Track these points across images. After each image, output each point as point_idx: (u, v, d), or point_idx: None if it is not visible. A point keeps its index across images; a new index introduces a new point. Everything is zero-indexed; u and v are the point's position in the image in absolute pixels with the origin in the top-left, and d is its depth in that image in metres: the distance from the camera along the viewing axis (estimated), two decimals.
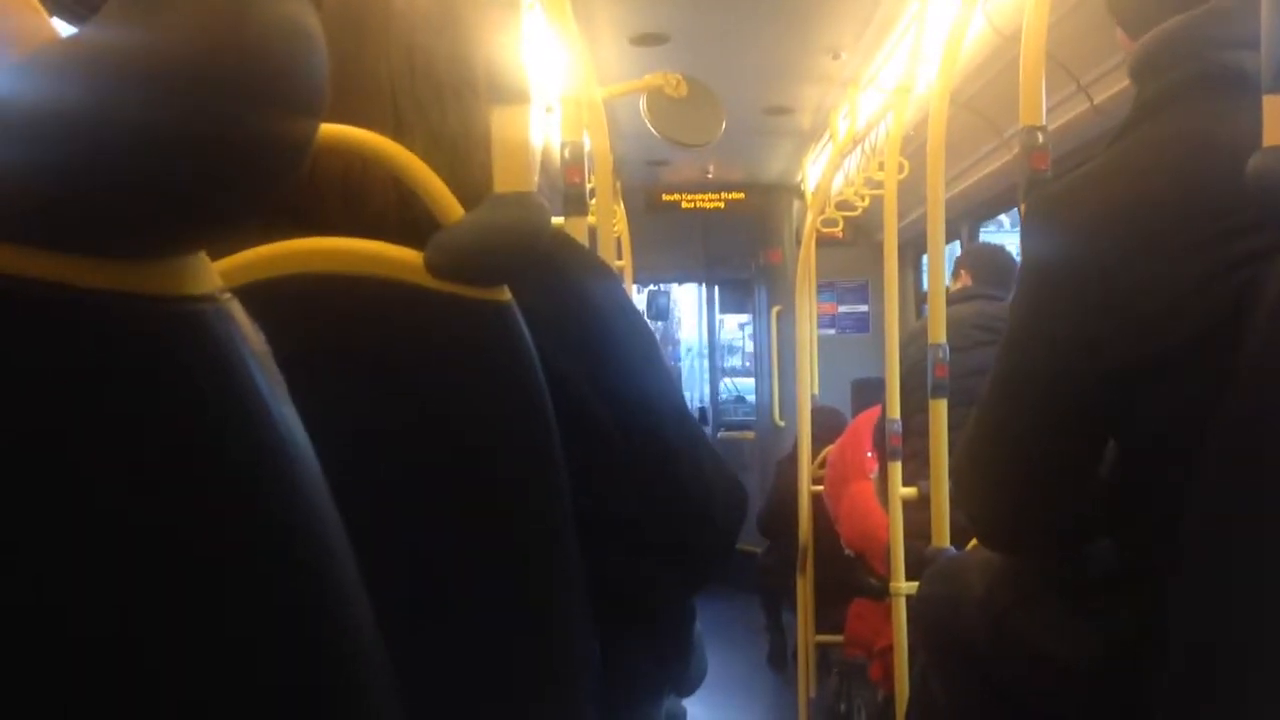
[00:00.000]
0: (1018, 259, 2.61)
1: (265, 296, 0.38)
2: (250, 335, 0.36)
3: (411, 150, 0.73)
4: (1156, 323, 0.92)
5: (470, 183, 0.77)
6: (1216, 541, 0.89)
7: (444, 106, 0.80)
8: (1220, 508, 0.88)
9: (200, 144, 0.32)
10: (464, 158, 0.79)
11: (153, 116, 0.31)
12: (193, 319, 0.34)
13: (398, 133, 0.77)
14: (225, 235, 0.35)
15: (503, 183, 0.73)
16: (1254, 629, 0.89)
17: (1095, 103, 2.50)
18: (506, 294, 0.71)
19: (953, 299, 2.47)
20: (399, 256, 0.71)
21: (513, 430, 0.74)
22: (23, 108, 0.31)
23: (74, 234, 0.32)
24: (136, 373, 0.34)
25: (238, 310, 0.36)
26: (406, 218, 0.74)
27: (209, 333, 0.35)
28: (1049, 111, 1.36)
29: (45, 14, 0.33)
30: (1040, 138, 1.31)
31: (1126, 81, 2.48)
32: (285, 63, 0.33)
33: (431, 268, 0.70)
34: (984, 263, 2.68)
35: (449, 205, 0.72)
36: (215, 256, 0.37)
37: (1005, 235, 5.74)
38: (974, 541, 1.41)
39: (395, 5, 0.81)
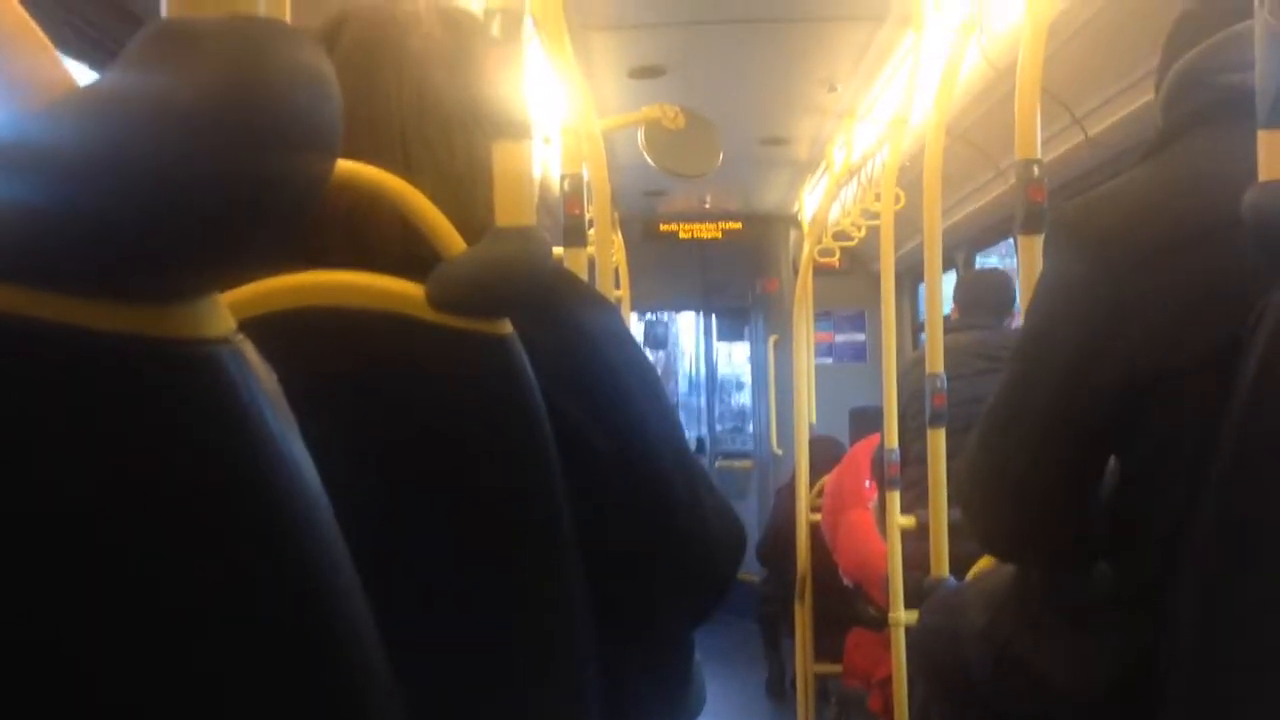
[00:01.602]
0: (1011, 278, 2.63)
1: (267, 329, 0.39)
2: (263, 375, 0.36)
3: (420, 187, 0.74)
4: (1161, 339, 0.94)
5: (475, 217, 0.78)
6: (1220, 563, 0.90)
7: (451, 143, 0.82)
8: (1223, 530, 0.89)
9: (217, 189, 0.32)
10: (469, 193, 0.80)
11: (170, 162, 0.31)
12: (208, 361, 0.35)
13: (407, 170, 0.78)
14: (238, 277, 0.35)
15: (504, 216, 0.74)
16: (1259, 652, 0.89)
17: (1090, 135, 2.52)
18: (508, 326, 0.72)
19: (948, 328, 2.48)
20: (401, 290, 0.71)
21: (514, 461, 0.74)
22: (42, 154, 0.32)
23: (90, 278, 0.33)
24: (151, 415, 0.34)
25: (250, 351, 0.36)
26: (411, 252, 0.75)
27: (223, 374, 0.35)
28: (1044, 144, 1.37)
29: (62, 63, 0.33)
30: (1036, 170, 1.33)
31: (1121, 114, 2.51)
32: (302, 108, 0.33)
33: (433, 301, 0.70)
34: (967, 292, 2.68)
35: (451, 239, 0.72)
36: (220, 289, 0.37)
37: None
38: (973, 572, 1.41)
39: (409, 46, 0.82)
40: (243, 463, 0.35)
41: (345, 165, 0.71)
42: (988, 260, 3.99)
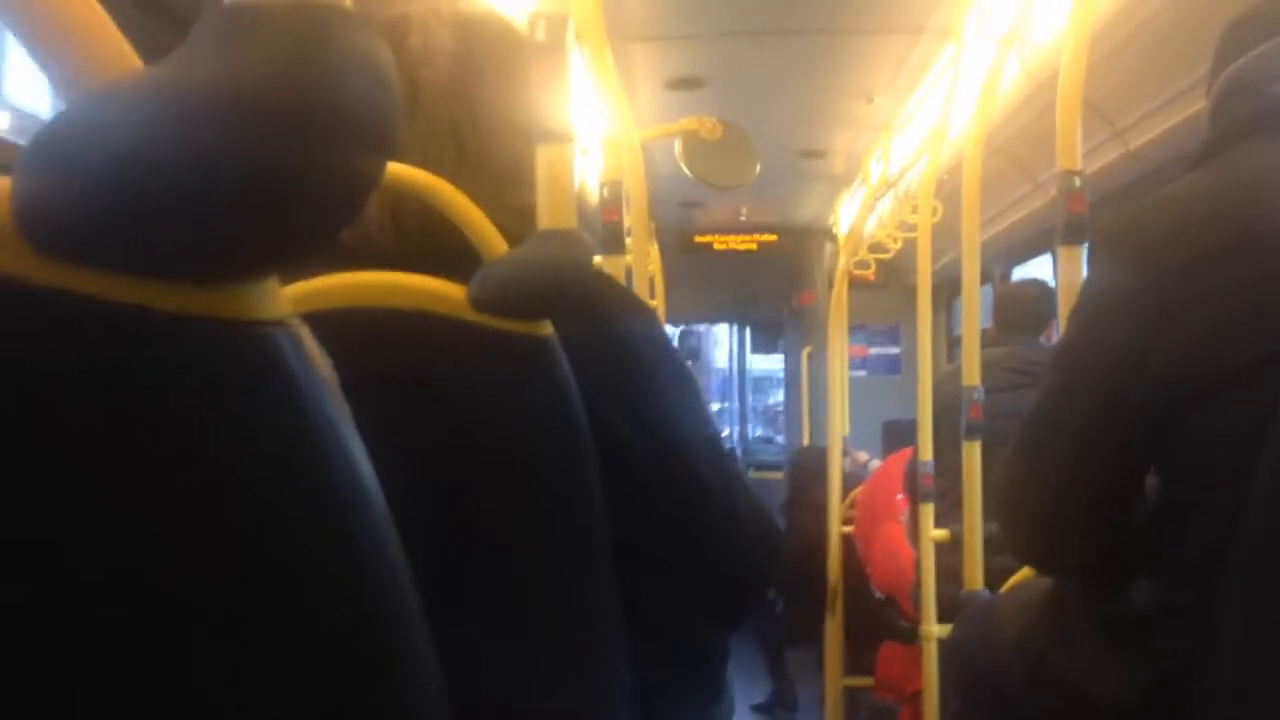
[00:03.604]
0: (1050, 290, 2.60)
1: (309, 330, 0.40)
2: (320, 361, 0.37)
3: (460, 188, 0.75)
4: (1204, 349, 0.93)
5: (515, 220, 0.79)
6: (1263, 580, 0.88)
7: (444, 145, 0.82)
8: (1266, 546, 0.88)
9: (280, 174, 0.33)
10: (511, 196, 0.81)
11: (233, 146, 0.32)
12: (264, 342, 0.35)
13: (456, 170, 0.79)
14: (298, 262, 0.36)
15: (546, 219, 0.75)
16: None
17: (1131, 148, 2.50)
18: (548, 328, 0.72)
19: (984, 343, 2.46)
20: (442, 291, 0.72)
21: (552, 462, 0.74)
22: (105, 135, 0.33)
23: (151, 258, 0.33)
24: (211, 392, 0.35)
25: (307, 336, 0.37)
26: (452, 253, 0.76)
27: (280, 356, 0.36)
28: (1084, 156, 1.37)
29: (126, 43, 0.34)
30: (1077, 182, 1.32)
31: (1163, 127, 2.48)
32: (364, 97, 0.34)
33: (475, 302, 0.71)
34: (1004, 307, 2.66)
35: (493, 241, 0.73)
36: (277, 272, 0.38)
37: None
38: (1009, 585, 1.40)
39: (409, 44, 0.83)
40: (297, 443, 0.36)
41: (394, 167, 0.73)
42: (1026, 273, 3.95)
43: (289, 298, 0.58)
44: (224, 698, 0.35)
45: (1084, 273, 1.27)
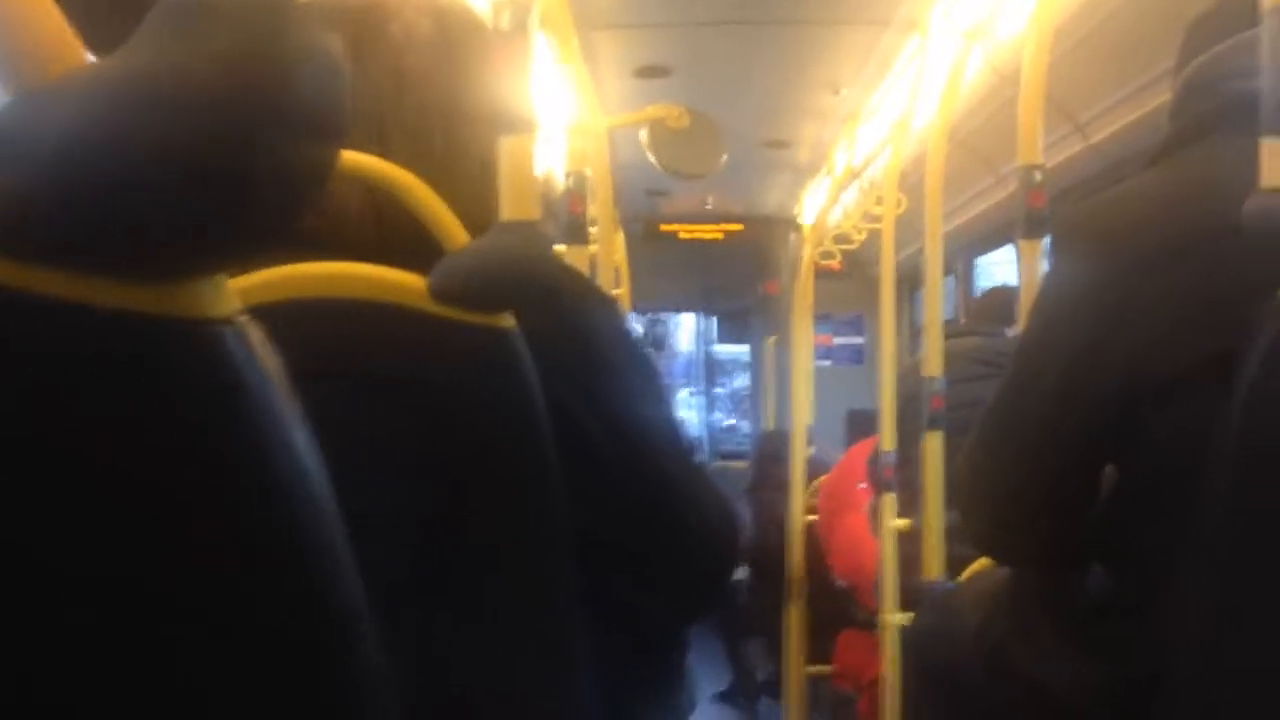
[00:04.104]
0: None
1: (266, 320, 0.39)
2: (266, 358, 0.37)
3: (446, 177, 0.74)
4: (1161, 344, 0.94)
5: (470, 211, 0.78)
6: (1218, 572, 0.90)
7: (430, 133, 0.82)
8: (1221, 539, 0.89)
9: (229, 169, 0.32)
10: (450, 185, 0.80)
11: (181, 141, 0.32)
12: (211, 340, 0.35)
13: (444, 161, 0.78)
14: (247, 259, 0.35)
15: (508, 210, 0.75)
16: (1256, 660, 0.89)
17: (1092, 142, 2.53)
18: (510, 320, 0.72)
19: (949, 334, 2.49)
20: (402, 281, 0.71)
21: (512, 454, 0.74)
22: (48, 130, 0.32)
23: (96, 255, 0.33)
24: (153, 392, 0.34)
25: (255, 333, 0.37)
26: (411, 244, 0.75)
27: (227, 354, 0.35)
28: (1045, 150, 1.38)
29: (76, 38, 0.34)
30: (1038, 176, 1.33)
31: (1123, 122, 2.51)
32: (313, 88, 0.34)
33: (435, 293, 0.71)
34: (978, 303, 2.70)
35: (455, 232, 0.73)
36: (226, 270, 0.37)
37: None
38: (967, 574, 1.41)
39: (390, 33, 0.83)
40: (244, 443, 0.36)
41: (352, 156, 0.72)
42: (989, 264, 4.00)
43: (245, 289, 0.57)
44: (164, 681, 0.35)
45: (1044, 266, 1.29)
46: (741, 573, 4.12)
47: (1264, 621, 0.89)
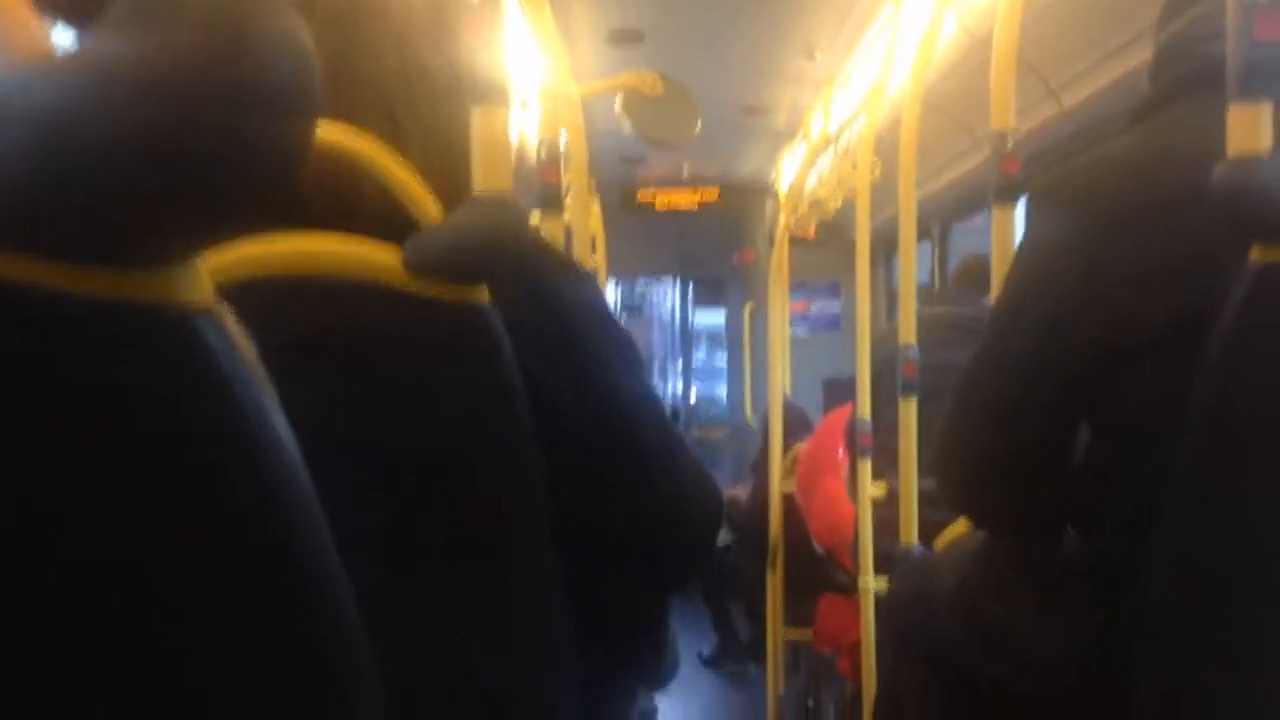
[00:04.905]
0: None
1: (239, 297, 0.39)
2: (242, 345, 0.37)
3: (407, 152, 0.73)
4: (1133, 306, 0.95)
5: (462, 183, 0.77)
6: (1188, 533, 0.91)
7: (437, 108, 0.81)
8: (1191, 501, 0.90)
9: (197, 155, 0.32)
10: (455, 159, 0.80)
11: (150, 128, 0.31)
12: (186, 328, 0.35)
13: (394, 135, 0.77)
14: (218, 243, 0.35)
15: (481, 183, 0.74)
16: (1225, 621, 0.91)
17: (1065, 106, 2.53)
18: (484, 294, 0.72)
19: (925, 301, 2.50)
20: (376, 257, 0.71)
21: (489, 429, 0.74)
22: (20, 117, 0.32)
23: (67, 242, 0.33)
24: (128, 381, 0.34)
25: (230, 320, 0.37)
26: (392, 217, 0.75)
27: (202, 342, 0.35)
28: (1019, 114, 1.38)
29: (43, 27, 0.33)
30: (1010, 142, 1.33)
31: (1096, 86, 2.51)
32: (282, 74, 0.33)
33: (409, 268, 0.70)
34: (960, 272, 2.72)
35: (427, 206, 0.72)
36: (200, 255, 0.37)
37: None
38: (943, 539, 1.43)
39: (391, 8, 0.82)
40: (221, 431, 0.36)
41: (321, 129, 0.71)
42: (964, 229, 4.01)
43: (217, 267, 0.56)
44: (151, 669, 0.35)
45: (1017, 232, 1.29)
46: (726, 537, 4.16)
47: (1233, 581, 0.90)
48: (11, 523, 0.33)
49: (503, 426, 0.73)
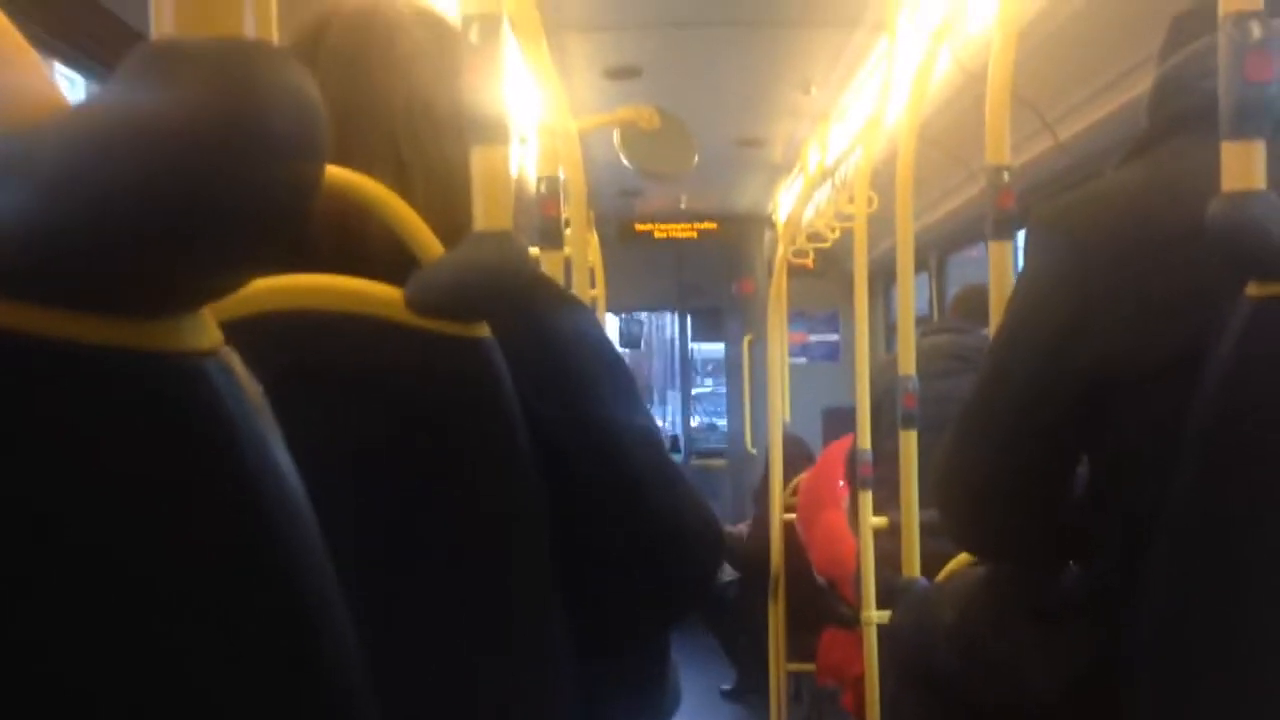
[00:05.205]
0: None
1: (245, 332, 0.40)
2: (249, 387, 0.37)
3: (412, 189, 0.74)
4: (1129, 339, 0.95)
5: (465, 220, 0.78)
6: (1181, 565, 0.91)
7: (442, 145, 0.82)
8: (1184, 534, 0.91)
9: (206, 206, 0.33)
10: (459, 195, 0.81)
11: (160, 180, 0.32)
12: (195, 374, 0.35)
13: (399, 172, 0.79)
14: (226, 293, 0.36)
15: (482, 220, 0.75)
16: (1218, 651, 0.91)
17: (1060, 140, 2.55)
18: (485, 330, 0.72)
19: (924, 331, 2.51)
20: (380, 293, 0.72)
21: (490, 463, 0.75)
22: (29, 171, 0.32)
23: (78, 293, 0.33)
24: (138, 428, 0.35)
25: (236, 363, 0.37)
26: (400, 257, 0.76)
27: (210, 387, 0.36)
28: (1015, 147, 1.39)
29: (53, 81, 0.34)
30: (1006, 176, 1.34)
31: (1091, 119, 2.53)
32: (289, 128, 0.34)
33: (411, 305, 0.71)
34: (959, 301, 2.72)
35: (429, 243, 0.73)
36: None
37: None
38: (945, 571, 1.43)
39: (398, 46, 0.83)
40: (228, 476, 0.36)
41: (330, 173, 0.72)
42: (961, 260, 4.02)
43: (221, 303, 0.57)
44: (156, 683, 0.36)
45: (1014, 265, 1.30)
46: (729, 573, 4.14)
47: (1231, 612, 0.90)
48: (20, 568, 0.33)
49: (502, 457, 0.74)
